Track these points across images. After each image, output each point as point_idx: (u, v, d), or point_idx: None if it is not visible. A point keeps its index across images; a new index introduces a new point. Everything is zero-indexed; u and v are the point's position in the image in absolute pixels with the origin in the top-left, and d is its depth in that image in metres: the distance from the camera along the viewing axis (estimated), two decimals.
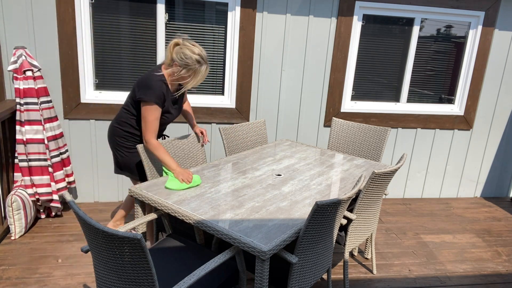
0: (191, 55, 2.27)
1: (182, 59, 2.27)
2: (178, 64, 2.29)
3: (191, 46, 2.30)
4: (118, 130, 2.49)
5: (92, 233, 1.42)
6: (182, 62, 2.28)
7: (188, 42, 2.32)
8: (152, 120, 2.31)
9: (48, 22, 3.14)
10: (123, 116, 2.48)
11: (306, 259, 1.89)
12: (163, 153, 2.32)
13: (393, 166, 2.55)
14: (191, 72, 2.31)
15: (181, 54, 2.28)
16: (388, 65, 3.88)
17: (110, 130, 2.54)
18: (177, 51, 2.29)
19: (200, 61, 2.30)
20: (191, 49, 2.29)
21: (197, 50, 2.29)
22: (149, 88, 2.29)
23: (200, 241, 2.26)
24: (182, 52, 2.28)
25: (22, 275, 2.55)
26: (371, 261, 2.89)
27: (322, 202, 1.69)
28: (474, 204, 4.20)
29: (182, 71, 2.30)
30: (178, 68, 2.30)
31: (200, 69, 2.31)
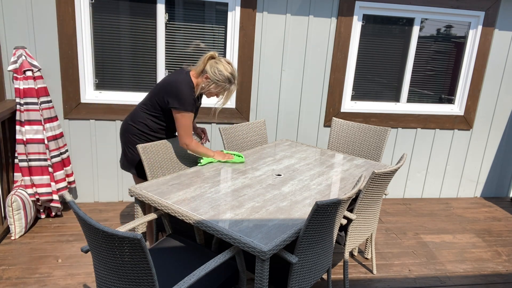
0: (224, 72, 2.33)
1: (215, 73, 2.32)
2: (209, 77, 2.33)
3: (225, 64, 2.35)
4: (133, 128, 2.48)
5: (92, 233, 1.42)
6: (214, 77, 2.33)
7: (223, 59, 2.38)
8: (188, 126, 2.38)
9: (48, 22, 3.14)
10: (141, 116, 2.47)
11: (306, 259, 1.89)
12: (202, 148, 2.53)
13: (393, 166, 2.55)
14: (220, 89, 2.37)
15: (215, 69, 2.32)
16: (388, 65, 3.88)
17: (123, 127, 2.53)
18: (212, 64, 2.33)
19: (231, 80, 2.36)
20: (225, 66, 2.34)
21: (230, 69, 2.35)
22: (182, 96, 2.31)
23: (200, 241, 2.26)
24: (217, 67, 2.32)
25: (22, 275, 2.55)
26: (371, 261, 2.89)
27: (322, 202, 1.69)
28: (474, 204, 4.20)
29: (212, 85, 2.35)
30: (208, 81, 2.35)
31: (230, 88, 2.38)
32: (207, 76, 2.34)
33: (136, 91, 3.53)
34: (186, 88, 2.32)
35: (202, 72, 2.36)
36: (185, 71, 2.42)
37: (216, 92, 2.40)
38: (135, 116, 2.49)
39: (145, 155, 2.39)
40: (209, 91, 2.40)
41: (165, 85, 2.37)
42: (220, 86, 2.36)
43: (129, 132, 2.50)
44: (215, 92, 2.40)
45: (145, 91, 3.54)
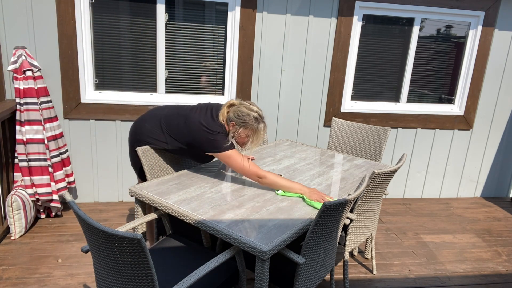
0: (249, 112, 2.20)
1: (240, 116, 2.20)
2: (236, 123, 2.21)
3: (248, 105, 2.24)
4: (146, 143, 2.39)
5: (92, 233, 1.42)
6: (239, 120, 2.20)
7: (245, 101, 2.28)
8: (244, 161, 2.20)
9: (48, 22, 3.14)
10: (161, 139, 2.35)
11: (312, 259, 1.89)
12: (283, 182, 2.19)
13: (393, 166, 2.55)
14: (249, 131, 2.23)
15: (238, 112, 2.21)
16: (388, 65, 3.88)
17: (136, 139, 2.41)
18: (234, 111, 2.23)
19: (258, 118, 2.22)
20: (248, 107, 2.23)
21: (255, 108, 2.23)
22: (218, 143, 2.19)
23: (207, 244, 2.26)
24: (239, 110, 2.21)
25: (22, 275, 2.55)
26: (371, 261, 2.89)
27: (330, 202, 1.70)
28: (474, 204, 4.20)
29: (240, 129, 2.22)
30: (235, 128, 2.23)
31: (258, 127, 2.22)
32: (233, 123, 2.22)
33: (136, 91, 3.53)
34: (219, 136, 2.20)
35: (227, 121, 2.25)
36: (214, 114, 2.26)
37: (245, 135, 2.25)
38: (155, 135, 2.36)
39: (145, 158, 2.39)
40: (239, 136, 2.24)
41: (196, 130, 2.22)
42: (248, 127, 2.21)
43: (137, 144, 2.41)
44: (244, 136, 2.24)
45: (145, 91, 3.54)
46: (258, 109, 2.25)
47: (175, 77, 3.56)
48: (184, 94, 3.61)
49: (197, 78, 3.61)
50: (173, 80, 3.56)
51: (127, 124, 3.50)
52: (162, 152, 2.51)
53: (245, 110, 2.21)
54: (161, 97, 3.56)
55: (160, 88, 3.54)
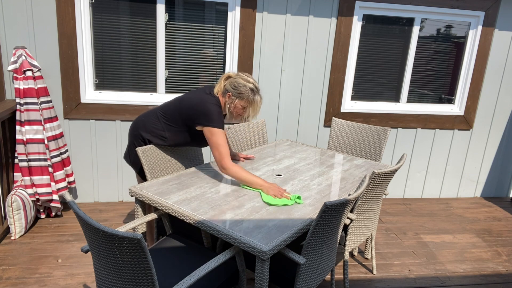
0: (245, 83, 2.25)
1: (236, 87, 2.25)
2: (232, 94, 2.26)
3: (245, 76, 2.29)
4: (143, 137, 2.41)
5: (92, 233, 1.42)
6: (235, 91, 2.25)
7: (242, 73, 2.33)
8: (222, 145, 2.21)
9: (48, 22, 3.14)
10: (157, 127, 2.38)
11: (313, 260, 1.89)
12: (245, 174, 2.20)
13: (393, 166, 2.55)
14: (245, 101, 2.27)
15: (235, 83, 2.26)
16: (388, 65, 3.89)
17: (133, 134, 2.45)
18: (230, 82, 2.28)
19: (253, 89, 2.26)
20: (245, 78, 2.27)
21: (251, 80, 2.28)
22: (209, 113, 2.22)
23: (207, 244, 2.26)
24: (236, 81, 2.26)
25: (22, 275, 2.55)
26: (371, 261, 2.89)
27: (331, 202, 1.70)
28: (474, 204, 4.20)
29: (236, 100, 2.26)
30: (231, 99, 2.27)
31: (254, 98, 2.26)
32: (230, 94, 2.27)
33: (136, 91, 3.53)
34: (212, 105, 2.24)
35: (223, 93, 2.30)
36: (209, 89, 2.34)
37: (241, 106, 2.28)
38: (150, 126, 2.40)
39: (145, 158, 2.39)
40: (235, 108, 2.29)
41: (190, 102, 2.29)
42: (244, 98, 2.26)
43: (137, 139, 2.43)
44: (240, 107, 2.28)
45: (145, 91, 3.54)
46: (254, 81, 2.28)
47: (175, 77, 3.56)
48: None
49: (197, 78, 3.61)
50: (173, 80, 3.56)
51: (127, 124, 3.50)
52: (162, 152, 2.51)
53: (241, 81, 2.26)
54: (161, 97, 3.56)
55: (160, 88, 3.54)
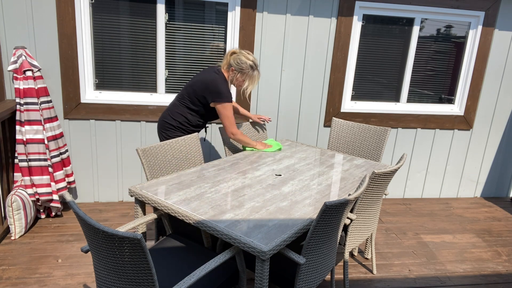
0: (246, 60, 2.67)
1: (238, 63, 2.67)
2: (234, 69, 2.69)
3: (246, 54, 2.69)
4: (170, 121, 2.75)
5: (92, 233, 1.42)
6: (238, 67, 2.68)
7: (244, 51, 2.72)
8: (231, 116, 2.70)
9: (48, 22, 3.14)
10: (180, 109, 2.75)
11: (313, 260, 1.89)
12: (246, 138, 2.84)
13: (393, 166, 2.55)
14: (245, 76, 2.71)
15: (238, 60, 2.67)
16: (388, 65, 3.88)
17: (160, 124, 2.80)
18: (234, 58, 2.69)
19: (253, 66, 2.69)
20: (246, 56, 2.68)
21: (251, 57, 2.69)
22: (220, 90, 2.64)
23: (207, 244, 2.26)
24: (238, 58, 2.68)
25: (22, 275, 2.55)
26: (371, 261, 2.89)
27: (331, 202, 1.70)
28: (474, 204, 4.20)
29: (238, 75, 2.70)
30: (234, 73, 2.71)
31: (253, 73, 2.71)
32: (232, 68, 2.69)
33: (136, 91, 3.53)
34: (221, 82, 2.65)
35: (228, 67, 2.72)
36: (216, 69, 2.74)
37: (242, 80, 2.71)
38: (174, 109, 2.77)
39: (145, 158, 2.39)
40: (237, 80, 2.72)
41: (203, 83, 2.67)
42: (245, 73, 2.68)
43: (165, 128, 2.77)
44: (241, 80, 2.71)
45: (145, 91, 3.54)
46: (254, 58, 2.71)
47: (175, 77, 3.56)
48: None
49: None
50: (173, 80, 3.56)
51: (127, 124, 3.50)
52: (162, 152, 2.51)
53: (243, 58, 2.68)
54: (161, 97, 3.56)
55: (160, 88, 3.54)
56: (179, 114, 2.75)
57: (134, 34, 3.39)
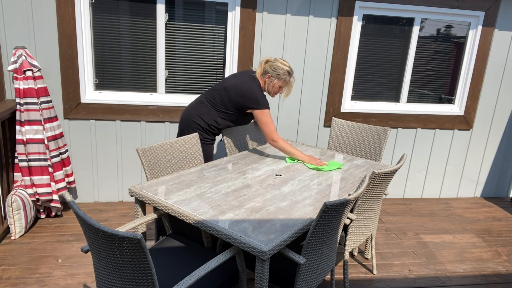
0: (283, 66, 2.71)
1: (275, 70, 2.70)
2: (271, 75, 2.72)
3: (281, 61, 2.73)
4: (199, 122, 2.75)
5: (92, 233, 1.42)
6: (275, 73, 2.71)
7: (278, 58, 2.76)
8: (270, 122, 2.69)
9: (48, 22, 3.14)
10: (211, 112, 2.76)
11: (313, 260, 1.89)
12: (290, 148, 2.72)
13: (393, 166, 2.55)
14: (282, 82, 2.74)
15: (274, 66, 2.71)
16: (388, 65, 3.88)
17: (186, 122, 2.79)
18: (270, 65, 2.73)
19: (290, 72, 2.74)
20: (282, 62, 2.73)
21: (287, 64, 2.74)
22: (258, 97, 2.67)
23: (207, 244, 2.26)
24: (275, 64, 2.71)
25: (22, 275, 2.55)
26: (371, 261, 2.89)
27: (331, 202, 1.70)
28: (474, 204, 4.20)
29: (275, 80, 2.72)
30: (271, 79, 2.73)
31: (290, 79, 2.75)
32: (269, 75, 2.72)
33: (136, 91, 3.53)
34: (258, 89, 2.69)
35: (263, 74, 2.75)
36: (250, 74, 2.77)
37: (279, 86, 2.74)
38: (203, 111, 2.76)
39: (145, 158, 2.39)
40: (273, 87, 2.74)
41: (239, 90, 2.69)
42: (282, 79, 2.72)
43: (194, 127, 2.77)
44: (278, 86, 2.74)
45: (145, 91, 3.54)
46: (289, 65, 2.75)
47: (175, 77, 3.56)
48: (184, 94, 3.61)
49: (197, 78, 3.61)
50: (173, 80, 3.56)
51: (127, 124, 3.50)
52: (162, 152, 2.51)
53: (279, 64, 2.72)
54: (161, 97, 3.56)
55: (160, 88, 3.54)
56: (210, 117, 2.76)
57: (134, 34, 3.39)
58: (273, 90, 2.77)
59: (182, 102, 3.56)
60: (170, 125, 3.58)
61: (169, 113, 3.52)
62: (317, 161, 2.70)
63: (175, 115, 3.54)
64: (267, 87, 2.76)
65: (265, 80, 2.74)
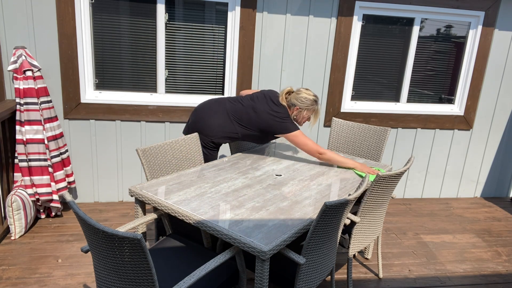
0: (309, 97, 2.69)
1: (303, 102, 2.68)
2: (300, 107, 2.69)
3: (305, 91, 2.71)
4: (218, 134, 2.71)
5: (92, 233, 1.42)
6: (303, 105, 2.68)
7: (301, 88, 2.75)
8: (308, 140, 2.66)
9: (48, 22, 3.14)
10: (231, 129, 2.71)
11: (313, 260, 1.89)
12: (339, 158, 2.68)
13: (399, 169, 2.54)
14: (311, 112, 2.74)
15: (302, 98, 2.68)
16: (388, 65, 3.88)
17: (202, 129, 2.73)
18: (295, 97, 2.69)
19: (316, 101, 2.73)
20: (307, 92, 2.71)
21: (311, 93, 2.72)
22: (287, 126, 2.64)
23: (207, 244, 2.26)
24: (302, 96, 2.68)
25: (22, 275, 2.55)
26: (378, 264, 2.89)
27: (331, 202, 1.70)
28: (474, 204, 4.20)
29: (304, 112, 2.71)
30: (299, 111, 2.70)
31: (317, 108, 2.76)
32: (297, 107, 2.68)
33: (136, 91, 3.53)
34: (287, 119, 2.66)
35: (289, 106, 2.71)
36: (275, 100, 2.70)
37: (308, 116, 2.73)
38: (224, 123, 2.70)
39: (145, 158, 2.39)
40: (303, 118, 2.73)
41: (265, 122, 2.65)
42: (310, 109, 2.71)
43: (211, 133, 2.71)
44: (307, 116, 2.73)
45: (145, 91, 3.54)
46: (314, 94, 2.75)
47: (175, 77, 3.56)
48: (184, 94, 3.61)
49: (197, 78, 3.61)
50: (173, 80, 3.56)
51: (127, 124, 3.50)
52: (162, 152, 2.51)
53: (306, 95, 2.69)
54: (161, 97, 3.56)
55: (160, 88, 3.54)
56: (229, 131, 2.71)
57: (134, 34, 3.39)
58: (302, 121, 2.76)
59: (182, 102, 3.56)
60: (170, 125, 3.58)
61: (169, 113, 3.52)
62: (368, 169, 2.65)
63: (175, 115, 3.54)
64: (296, 118, 2.74)
65: (293, 111, 2.70)
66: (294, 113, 2.71)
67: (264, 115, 2.65)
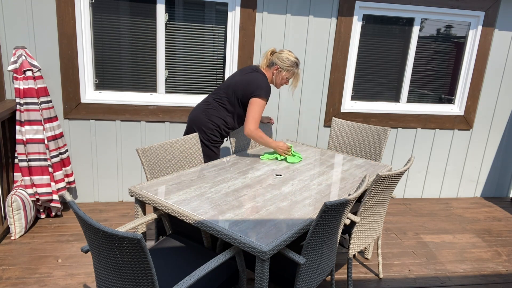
0: (290, 57, 2.70)
1: (284, 61, 2.68)
2: (279, 66, 2.69)
3: (288, 52, 2.72)
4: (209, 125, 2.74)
5: (92, 233, 1.42)
6: (283, 64, 2.69)
7: (284, 49, 2.74)
8: (258, 113, 2.63)
9: (48, 22, 3.14)
10: (219, 113, 2.74)
11: (313, 260, 1.89)
12: (266, 138, 2.69)
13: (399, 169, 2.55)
14: (290, 74, 2.73)
15: (283, 57, 2.69)
16: (388, 65, 3.88)
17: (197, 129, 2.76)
18: (277, 56, 2.70)
19: (297, 63, 2.72)
20: (289, 53, 2.71)
21: (293, 55, 2.72)
22: (262, 86, 2.63)
23: (207, 244, 2.26)
24: (283, 56, 2.69)
25: (22, 275, 2.55)
26: (378, 264, 2.89)
27: (331, 202, 1.70)
28: (474, 204, 4.20)
29: (283, 72, 2.71)
30: (278, 70, 2.71)
31: (298, 70, 2.74)
32: (277, 67, 2.69)
33: (136, 91, 3.53)
34: (264, 79, 2.66)
35: (270, 66, 2.73)
36: (254, 67, 2.75)
37: (287, 77, 2.73)
38: (212, 113, 2.74)
39: (145, 158, 2.39)
40: (281, 79, 2.73)
41: (244, 83, 2.67)
42: (290, 71, 2.70)
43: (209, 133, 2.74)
44: (285, 78, 2.73)
45: (145, 91, 3.54)
46: (296, 56, 2.74)
47: (175, 77, 3.56)
48: (184, 94, 3.61)
49: (197, 78, 3.61)
50: (173, 80, 3.56)
51: (127, 124, 3.50)
52: (162, 152, 2.51)
53: (287, 55, 2.70)
54: (161, 97, 3.56)
55: (160, 88, 3.54)
56: (219, 118, 2.74)
57: (134, 34, 3.39)
58: (280, 82, 2.76)
59: (182, 102, 3.56)
60: (170, 125, 3.58)
61: (169, 113, 3.52)
62: (283, 150, 2.76)
63: (175, 115, 3.54)
64: (275, 78, 2.74)
65: (272, 71, 2.72)
66: (274, 72, 2.72)
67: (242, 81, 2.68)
